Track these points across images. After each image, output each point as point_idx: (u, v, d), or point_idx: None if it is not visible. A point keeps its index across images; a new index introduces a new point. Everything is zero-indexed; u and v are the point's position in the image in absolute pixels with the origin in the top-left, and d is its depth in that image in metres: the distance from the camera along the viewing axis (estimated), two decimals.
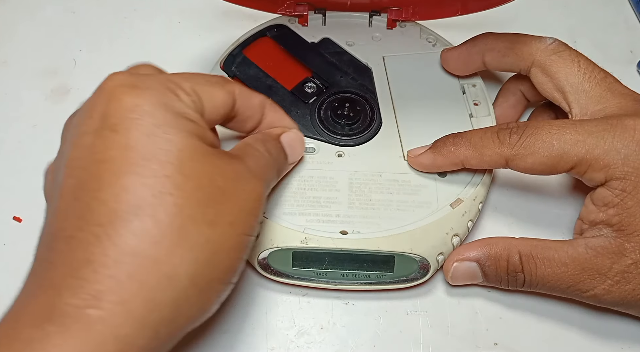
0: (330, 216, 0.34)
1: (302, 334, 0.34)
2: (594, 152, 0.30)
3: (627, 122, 0.31)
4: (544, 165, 0.31)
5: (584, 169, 0.31)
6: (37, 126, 0.42)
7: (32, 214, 0.38)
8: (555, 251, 0.31)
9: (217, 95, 0.28)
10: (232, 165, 0.26)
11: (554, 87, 0.34)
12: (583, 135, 0.30)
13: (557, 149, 0.31)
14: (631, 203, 0.30)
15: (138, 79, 0.25)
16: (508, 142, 0.32)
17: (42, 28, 0.47)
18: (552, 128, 0.31)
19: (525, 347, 0.34)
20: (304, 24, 0.42)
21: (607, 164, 0.30)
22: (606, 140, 0.30)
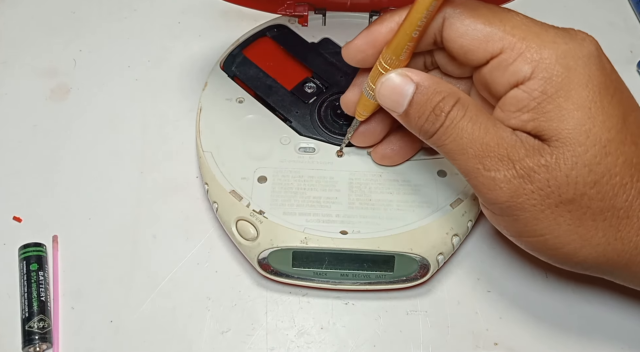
0: (330, 216, 0.34)
1: (302, 334, 0.34)
2: (532, 40, 0.27)
3: (577, 33, 0.28)
4: (480, 34, 0.27)
5: (514, 56, 0.27)
6: (37, 126, 0.42)
7: (32, 214, 0.38)
8: (488, 117, 0.28)
9: None
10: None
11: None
12: (528, 24, 0.27)
13: (491, 29, 0.27)
14: (549, 108, 0.26)
15: None
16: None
17: (42, 28, 0.47)
18: (495, 9, 0.28)
19: (525, 347, 0.34)
20: (304, 24, 0.42)
21: (541, 58, 0.26)
22: (549, 34, 0.27)
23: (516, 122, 0.27)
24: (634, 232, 0.27)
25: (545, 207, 0.27)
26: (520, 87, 0.27)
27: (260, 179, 0.35)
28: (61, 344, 0.34)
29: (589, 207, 0.27)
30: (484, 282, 0.36)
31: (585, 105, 0.26)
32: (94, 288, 0.36)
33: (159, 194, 0.39)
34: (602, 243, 0.27)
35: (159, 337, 0.34)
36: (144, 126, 0.42)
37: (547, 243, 0.28)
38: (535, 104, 0.26)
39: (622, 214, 0.27)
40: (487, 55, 0.27)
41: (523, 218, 0.27)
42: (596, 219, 0.27)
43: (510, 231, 0.29)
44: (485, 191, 0.28)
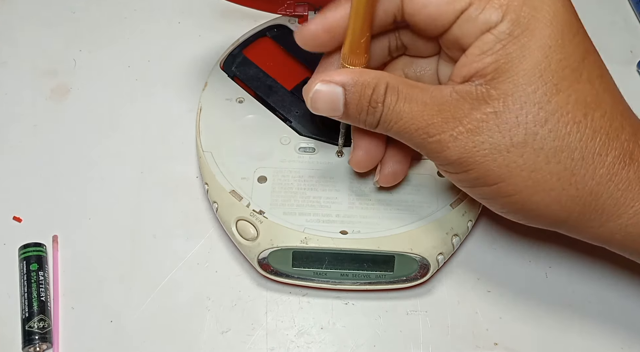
0: (330, 216, 0.34)
1: (302, 334, 0.34)
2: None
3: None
4: (442, 4, 0.27)
5: (483, 5, 0.26)
6: (37, 126, 0.42)
7: (32, 214, 0.38)
8: (421, 90, 0.28)
9: None
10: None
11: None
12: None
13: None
14: (513, 48, 0.26)
15: None
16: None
17: (42, 28, 0.47)
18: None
19: (525, 347, 0.34)
20: (304, 24, 0.42)
21: (510, 1, 0.26)
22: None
23: (478, 65, 0.27)
24: (589, 176, 0.27)
25: (497, 154, 0.27)
26: (491, 31, 0.26)
27: (260, 179, 0.35)
28: (61, 344, 0.34)
29: (542, 149, 0.26)
30: (484, 282, 0.36)
31: (546, 44, 0.26)
32: (94, 288, 0.36)
33: (159, 194, 0.39)
34: (556, 188, 0.27)
35: (159, 337, 0.34)
36: (144, 126, 0.42)
37: (501, 190, 0.28)
38: (500, 46, 0.26)
39: (577, 155, 0.27)
40: (456, 13, 0.27)
41: (475, 170, 0.28)
42: (550, 161, 0.27)
43: (465, 183, 0.29)
44: (435, 155, 0.28)
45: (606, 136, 0.27)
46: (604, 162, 0.27)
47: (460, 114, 0.27)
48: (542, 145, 0.26)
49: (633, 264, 0.35)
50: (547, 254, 0.37)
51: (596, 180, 0.27)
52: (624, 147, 0.27)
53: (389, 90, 0.28)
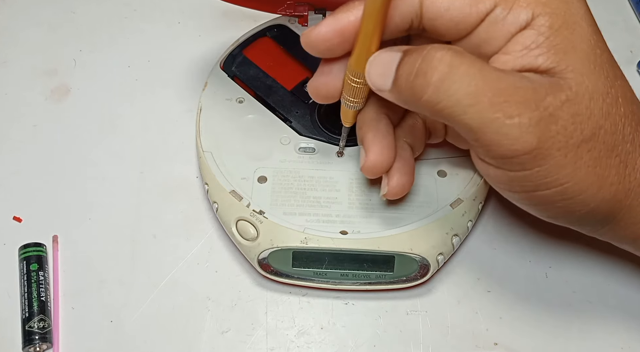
0: (330, 216, 0.34)
1: (302, 334, 0.34)
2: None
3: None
4: (466, 8, 0.26)
5: (510, 5, 0.26)
6: (37, 126, 0.42)
7: (32, 214, 0.38)
8: (493, 67, 0.25)
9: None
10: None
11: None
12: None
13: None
14: (558, 40, 0.25)
15: None
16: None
17: (42, 28, 0.47)
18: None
19: (525, 347, 0.34)
20: (304, 24, 0.42)
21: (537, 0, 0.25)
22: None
23: (524, 60, 0.25)
24: (638, 168, 0.27)
25: (569, 149, 0.25)
26: (528, 27, 0.25)
27: (260, 179, 0.35)
28: (61, 344, 0.34)
29: (605, 142, 0.26)
30: (484, 282, 0.36)
31: (587, 38, 0.26)
32: (94, 288, 0.36)
33: (159, 194, 0.39)
34: (615, 182, 0.26)
35: (159, 337, 0.34)
36: (144, 126, 0.42)
37: (566, 192, 0.26)
38: (543, 38, 0.25)
39: (629, 147, 0.26)
40: (480, 15, 0.26)
41: (546, 168, 0.25)
42: (610, 155, 0.26)
43: (525, 187, 0.26)
44: (509, 142, 0.24)
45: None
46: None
47: (537, 97, 0.24)
48: (604, 139, 0.26)
49: (633, 264, 0.35)
50: (547, 254, 0.37)
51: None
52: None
53: (451, 51, 0.24)
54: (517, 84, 0.24)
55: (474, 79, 0.24)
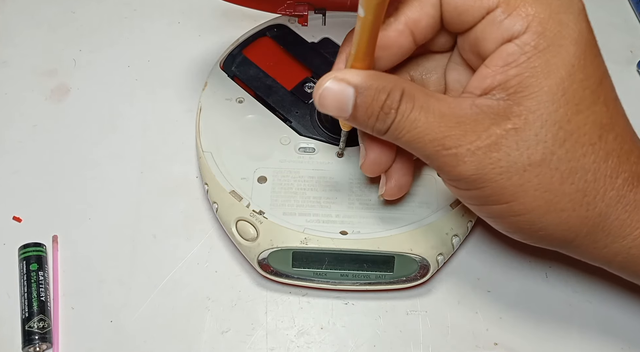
0: (330, 216, 0.34)
1: (302, 334, 0.34)
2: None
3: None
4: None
5: (510, 10, 0.26)
6: (37, 126, 0.42)
7: (32, 214, 0.38)
8: (439, 100, 0.27)
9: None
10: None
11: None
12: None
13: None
14: (538, 62, 0.26)
15: None
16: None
17: (42, 28, 0.47)
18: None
19: (525, 347, 0.34)
20: (304, 24, 0.42)
21: (536, 12, 0.26)
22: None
23: (502, 77, 0.26)
24: (600, 197, 0.27)
25: (513, 173, 0.26)
26: (514, 41, 0.26)
27: (260, 179, 0.35)
28: (61, 344, 0.34)
29: (557, 169, 0.26)
30: (484, 282, 0.36)
31: (570, 62, 0.26)
32: (94, 288, 0.36)
33: (159, 194, 0.39)
34: (567, 209, 0.27)
35: (159, 337, 0.34)
36: (144, 126, 0.42)
37: (512, 209, 0.27)
38: (525, 58, 0.26)
39: (590, 177, 0.27)
40: (482, 11, 0.27)
41: (489, 188, 0.27)
42: (564, 182, 0.26)
43: (475, 200, 0.28)
44: (448, 169, 0.27)
45: (617, 158, 0.27)
46: (614, 184, 0.27)
47: (479, 128, 0.26)
48: (558, 165, 0.26)
49: None
50: (547, 254, 0.37)
51: (606, 202, 0.27)
52: (632, 169, 0.27)
53: (404, 97, 0.27)
54: (461, 118, 0.26)
55: (419, 122, 0.27)
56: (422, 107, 0.27)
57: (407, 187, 0.33)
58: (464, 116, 0.26)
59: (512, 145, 0.26)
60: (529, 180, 0.26)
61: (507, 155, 0.26)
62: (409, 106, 0.27)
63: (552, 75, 0.26)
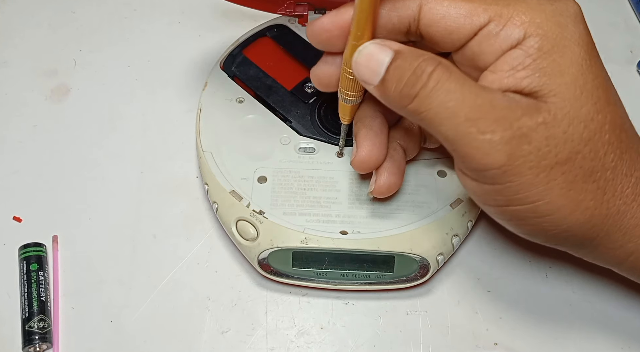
0: (330, 216, 0.34)
1: (302, 334, 0.34)
2: (517, 6, 0.26)
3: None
4: (463, 11, 0.27)
5: (503, 22, 0.26)
6: (37, 126, 0.42)
7: (32, 214, 0.38)
8: (475, 83, 0.26)
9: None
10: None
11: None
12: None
13: (473, 4, 0.27)
14: (545, 63, 0.26)
15: None
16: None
17: (42, 28, 0.47)
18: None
19: (525, 347, 0.34)
20: (304, 24, 0.42)
21: (531, 19, 0.26)
22: (532, 0, 0.27)
23: (510, 81, 0.26)
24: (618, 195, 0.27)
25: (541, 169, 0.26)
26: (517, 46, 0.26)
27: (260, 179, 0.35)
28: (61, 344, 0.34)
29: (582, 167, 0.26)
30: (484, 282, 0.36)
31: (579, 62, 0.26)
32: (94, 288, 0.36)
33: (159, 194, 0.39)
34: (590, 207, 0.27)
35: (159, 337, 0.34)
36: (144, 126, 0.42)
37: (538, 210, 0.26)
38: (531, 60, 0.26)
39: (609, 175, 0.27)
40: (474, 29, 0.27)
41: (517, 184, 0.26)
42: (587, 180, 0.26)
43: (497, 201, 0.27)
44: (479, 156, 0.25)
45: (630, 158, 0.27)
46: (629, 182, 0.27)
47: (512, 116, 0.25)
48: (582, 164, 0.26)
49: None
50: (547, 254, 0.37)
51: (623, 199, 0.27)
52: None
53: (441, 66, 0.25)
54: (495, 102, 0.25)
55: (455, 95, 0.25)
56: (459, 80, 0.25)
57: (396, 186, 0.33)
58: (498, 101, 0.25)
59: (542, 140, 0.25)
60: (555, 178, 0.26)
61: (538, 149, 0.25)
62: (444, 75, 0.25)
63: (565, 74, 0.26)
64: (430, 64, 0.25)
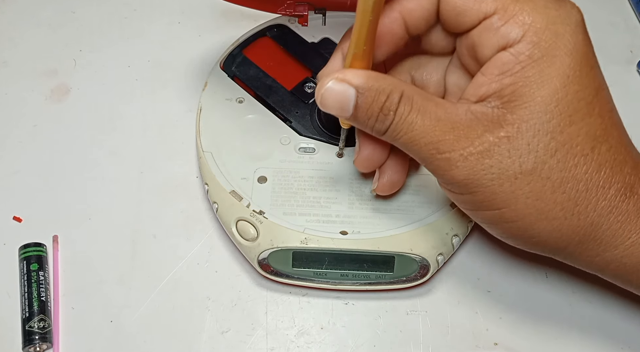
0: (330, 216, 0.34)
1: (302, 334, 0.34)
2: (524, 4, 0.26)
3: (566, 1, 0.28)
4: (470, 1, 0.27)
5: (507, 18, 0.26)
6: (37, 126, 0.42)
7: (32, 214, 0.38)
8: (436, 104, 0.28)
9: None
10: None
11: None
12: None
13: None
14: (532, 72, 0.26)
15: None
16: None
17: (42, 28, 0.47)
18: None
19: (525, 347, 0.34)
20: (304, 24, 0.42)
21: (533, 22, 0.26)
22: (540, 1, 0.27)
23: (496, 86, 0.27)
24: (591, 207, 0.27)
25: (504, 180, 0.27)
26: (509, 49, 0.26)
27: (260, 179, 0.35)
28: (61, 344, 0.34)
29: (549, 178, 0.27)
30: (484, 282, 0.36)
31: (565, 73, 0.26)
32: (94, 288, 0.36)
33: (159, 194, 0.39)
34: (559, 217, 0.27)
35: (159, 337, 0.34)
36: (144, 126, 0.42)
37: (504, 216, 0.28)
38: (519, 68, 0.26)
39: (582, 187, 0.27)
40: (480, 15, 0.27)
41: (481, 193, 0.27)
42: (556, 191, 0.27)
43: (468, 205, 0.29)
44: (441, 172, 0.28)
45: (610, 169, 0.27)
46: (606, 195, 0.27)
47: (472, 134, 0.27)
48: (549, 174, 0.27)
49: None
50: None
51: (597, 211, 0.27)
52: (625, 180, 0.28)
53: (403, 100, 0.27)
54: (456, 123, 0.27)
55: (416, 125, 0.27)
56: (420, 110, 0.27)
57: (399, 184, 0.33)
58: (459, 122, 0.27)
59: (505, 153, 0.26)
60: (520, 188, 0.27)
61: (499, 162, 0.27)
62: (407, 109, 0.27)
63: (546, 85, 0.26)
64: (393, 100, 0.27)
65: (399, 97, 0.27)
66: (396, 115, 0.27)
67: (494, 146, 0.27)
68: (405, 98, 0.27)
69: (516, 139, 0.26)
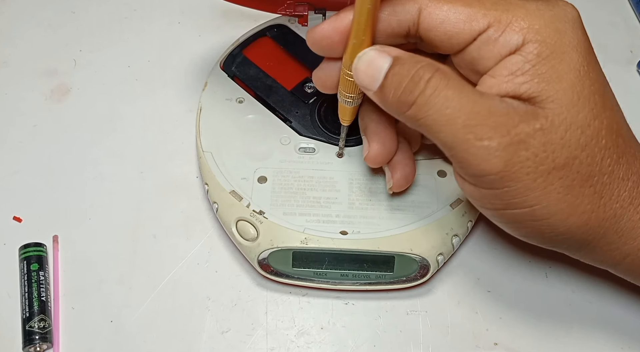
0: (330, 216, 0.34)
1: (302, 334, 0.34)
2: (516, 11, 0.26)
3: (558, 1, 0.28)
4: (462, 16, 0.27)
5: (502, 28, 0.26)
6: (37, 126, 0.42)
7: (32, 214, 0.38)
8: (473, 89, 0.26)
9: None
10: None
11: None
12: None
13: (472, 9, 0.27)
14: (544, 69, 0.26)
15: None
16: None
17: (42, 28, 0.47)
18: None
19: (525, 347, 0.34)
20: (304, 24, 0.42)
21: (530, 25, 0.26)
22: (531, 4, 0.27)
23: (509, 86, 0.26)
24: (614, 199, 0.27)
25: (539, 175, 0.26)
26: (517, 52, 0.26)
27: (260, 179, 0.35)
28: (61, 344, 0.34)
29: (579, 172, 0.26)
30: (484, 282, 0.36)
31: (576, 68, 0.26)
32: (94, 288, 0.36)
33: (159, 194, 0.39)
34: (587, 211, 0.27)
35: (159, 337, 0.34)
36: (144, 126, 0.42)
37: (535, 214, 0.27)
38: (529, 66, 0.26)
39: (606, 179, 0.27)
40: (473, 34, 0.27)
41: (514, 189, 0.26)
42: (584, 185, 0.27)
43: (495, 204, 0.27)
44: (477, 162, 0.26)
45: (626, 162, 0.28)
46: (626, 186, 0.27)
47: (510, 123, 0.25)
48: (579, 169, 0.26)
49: None
50: (547, 254, 0.37)
51: (619, 203, 0.27)
52: (639, 172, 0.28)
53: (438, 73, 0.26)
54: (493, 109, 0.25)
55: (452, 102, 0.25)
56: (457, 87, 0.26)
57: (412, 176, 0.33)
58: (496, 107, 0.26)
59: (540, 146, 0.26)
60: (552, 183, 0.26)
61: (535, 155, 0.26)
62: (442, 82, 0.26)
63: (563, 80, 0.26)
64: (428, 70, 0.26)
65: (434, 70, 0.26)
66: (428, 86, 0.25)
67: (530, 138, 0.25)
68: (441, 72, 0.26)
69: (550, 132, 0.26)
